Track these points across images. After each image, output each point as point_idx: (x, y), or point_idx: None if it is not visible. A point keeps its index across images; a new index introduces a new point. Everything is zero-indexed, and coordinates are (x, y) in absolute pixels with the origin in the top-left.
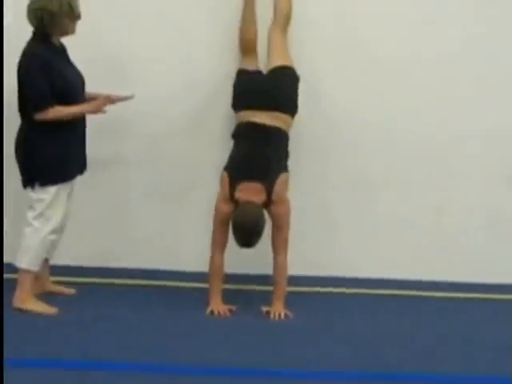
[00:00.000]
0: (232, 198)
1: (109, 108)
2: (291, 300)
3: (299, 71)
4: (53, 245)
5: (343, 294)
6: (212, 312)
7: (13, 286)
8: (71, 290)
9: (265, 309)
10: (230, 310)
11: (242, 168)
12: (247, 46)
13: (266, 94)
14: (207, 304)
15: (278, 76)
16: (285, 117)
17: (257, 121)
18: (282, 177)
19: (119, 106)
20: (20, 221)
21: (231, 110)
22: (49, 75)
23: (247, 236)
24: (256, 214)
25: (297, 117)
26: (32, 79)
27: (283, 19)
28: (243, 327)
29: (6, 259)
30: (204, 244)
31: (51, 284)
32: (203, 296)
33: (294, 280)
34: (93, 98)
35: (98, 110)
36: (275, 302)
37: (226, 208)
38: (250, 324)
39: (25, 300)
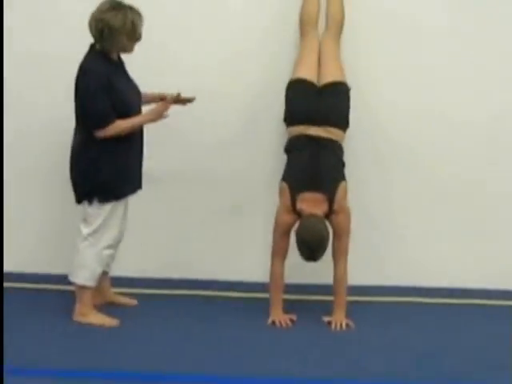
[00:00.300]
0: (294, 209)
1: (171, 110)
2: (353, 310)
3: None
4: (109, 259)
5: (406, 303)
6: (273, 322)
7: (71, 298)
8: (133, 301)
9: (326, 319)
10: (291, 320)
11: (301, 178)
12: (308, 20)
13: (318, 112)
14: (268, 314)
15: (331, 93)
16: (337, 131)
17: (310, 133)
18: (342, 185)
19: (173, 120)
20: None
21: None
22: (109, 92)
23: (313, 251)
24: (321, 228)
25: (353, 127)
26: (93, 97)
27: (336, 27)
28: (305, 337)
29: (61, 271)
30: (262, 255)
31: (113, 294)
32: (264, 306)
33: (356, 289)
34: (149, 101)
35: (159, 117)
36: (336, 312)
37: (288, 218)
38: (312, 334)
39: (85, 314)
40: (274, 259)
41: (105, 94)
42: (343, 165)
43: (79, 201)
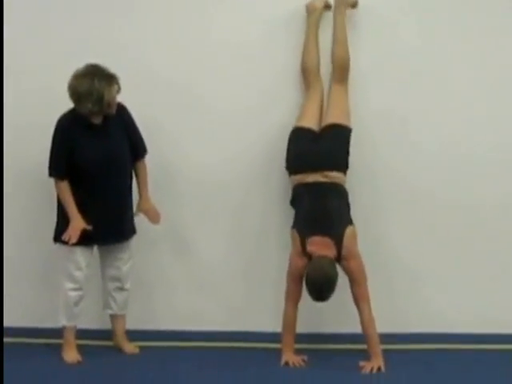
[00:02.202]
0: (305, 253)
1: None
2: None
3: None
4: (77, 302)
5: (435, 350)
6: (287, 363)
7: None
8: (135, 350)
9: (361, 363)
10: (303, 361)
11: (307, 223)
12: (309, 70)
13: (314, 157)
14: (280, 357)
15: (330, 136)
16: (335, 174)
17: (310, 181)
18: (349, 230)
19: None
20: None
21: None
22: (66, 150)
23: (321, 291)
24: (329, 268)
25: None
26: (51, 147)
27: (341, 70)
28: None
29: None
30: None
31: (119, 339)
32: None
33: (385, 338)
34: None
35: (71, 231)
36: (373, 357)
37: (300, 262)
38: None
39: (63, 350)
40: (287, 303)
41: (61, 147)
42: (348, 207)
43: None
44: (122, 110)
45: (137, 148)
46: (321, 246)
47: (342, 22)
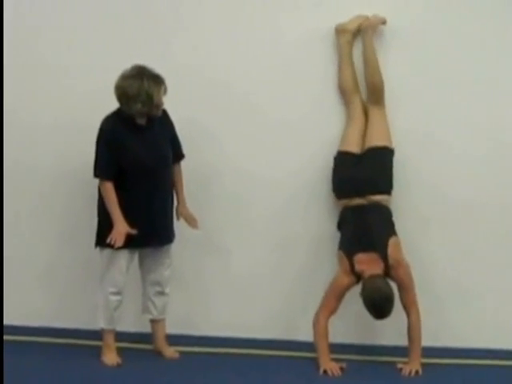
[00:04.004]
0: (353, 272)
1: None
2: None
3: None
4: (116, 306)
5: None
6: (325, 371)
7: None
8: (175, 354)
9: (400, 365)
10: (341, 368)
11: (352, 242)
12: (347, 88)
13: (360, 182)
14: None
15: (372, 160)
16: (380, 197)
17: (354, 204)
18: (392, 240)
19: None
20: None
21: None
22: (113, 151)
23: (383, 310)
24: (386, 287)
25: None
26: (97, 151)
27: (375, 93)
28: None
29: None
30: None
31: (160, 343)
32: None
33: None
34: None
35: (116, 234)
36: (412, 359)
37: (347, 281)
38: None
39: (103, 353)
40: (322, 315)
41: (108, 148)
42: (392, 225)
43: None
44: (163, 112)
45: (176, 151)
46: (368, 263)
47: (371, 45)
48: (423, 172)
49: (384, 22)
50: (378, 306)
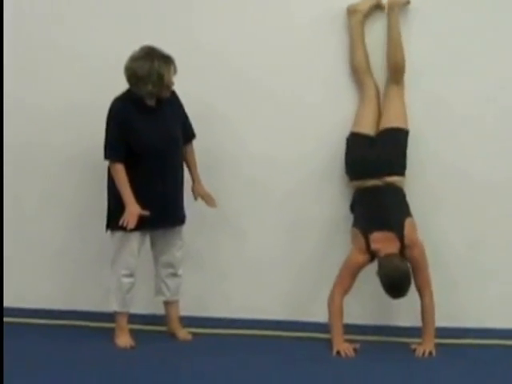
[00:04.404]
0: (368, 250)
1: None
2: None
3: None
4: (129, 289)
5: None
6: (338, 352)
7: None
8: (188, 336)
9: (413, 346)
10: (355, 349)
11: (367, 220)
12: (359, 68)
13: (374, 164)
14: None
15: (388, 141)
16: (394, 178)
17: (369, 185)
18: (408, 221)
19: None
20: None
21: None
22: (123, 130)
23: (402, 289)
24: (403, 265)
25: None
26: (107, 132)
27: (396, 71)
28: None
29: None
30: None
31: (173, 325)
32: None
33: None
34: (195, 180)
35: (128, 215)
36: (426, 340)
37: (361, 259)
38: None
39: (116, 335)
40: (337, 294)
41: (118, 130)
42: (407, 206)
43: (106, 227)
44: (172, 93)
45: (187, 132)
46: (384, 242)
47: (397, 23)
48: (437, 152)
49: (408, 2)
50: (397, 285)
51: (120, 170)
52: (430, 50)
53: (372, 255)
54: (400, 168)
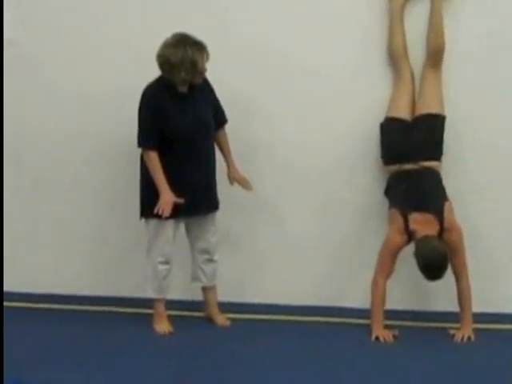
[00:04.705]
0: (407, 231)
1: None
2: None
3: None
4: (166, 274)
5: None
6: (377, 338)
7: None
8: (226, 322)
9: (452, 331)
10: (394, 336)
11: (408, 201)
12: (397, 52)
13: (410, 149)
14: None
15: (425, 127)
16: (431, 163)
17: (407, 169)
18: (447, 204)
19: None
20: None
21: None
22: (157, 117)
23: (440, 269)
24: (442, 246)
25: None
26: (140, 118)
27: (436, 55)
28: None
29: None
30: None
31: (211, 310)
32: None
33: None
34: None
35: (163, 204)
36: (463, 325)
37: (400, 240)
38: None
39: (155, 321)
40: (380, 277)
41: (152, 117)
42: (444, 189)
43: (140, 215)
44: (203, 79)
45: (219, 117)
46: (424, 223)
47: (440, 8)
48: (475, 136)
49: None
50: (434, 265)
51: (154, 158)
52: (471, 34)
53: (409, 236)
54: (437, 153)
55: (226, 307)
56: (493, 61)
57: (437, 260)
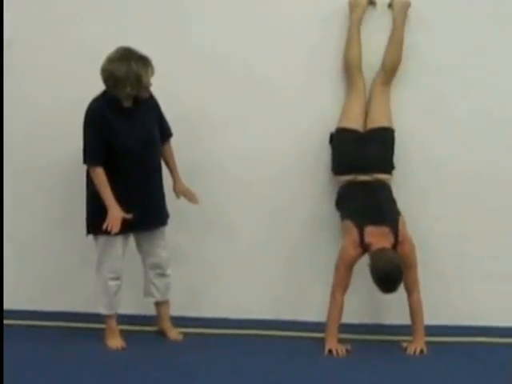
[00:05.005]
0: (362, 243)
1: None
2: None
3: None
4: (116, 291)
5: (480, 343)
6: (330, 351)
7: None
8: (179, 336)
9: (405, 344)
10: (347, 350)
11: (365, 213)
12: (352, 65)
13: (364, 161)
14: (323, 345)
15: (379, 140)
16: (384, 176)
17: (361, 180)
18: (401, 218)
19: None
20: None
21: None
22: (101, 132)
23: (395, 282)
24: (397, 258)
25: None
26: (85, 133)
27: (390, 71)
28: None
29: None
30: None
31: (164, 324)
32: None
33: (435, 329)
34: (175, 179)
35: (111, 219)
36: (416, 338)
37: (354, 252)
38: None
39: (106, 337)
40: (338, 291)
41: (97, 132)
42: (395, 202)
43: (86, 232)
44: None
45: (164, 131)
46: (379, 236)
47: (403, 25)
48: (422, 149)
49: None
50: (391, 278)
51: (100, 174)
52: (420, 51)
53: (364, 249)
54: (389, 166)
55: (179, 321)
56: (440, 77)
57: (392, 272)
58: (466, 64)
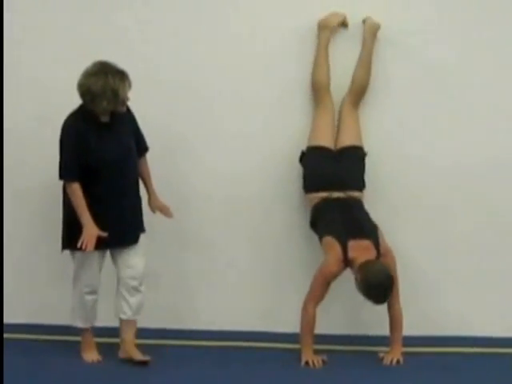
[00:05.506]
0: (344, 258)
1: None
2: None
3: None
4: (92, 306)
5: (456, 353)
6: (307, 363)
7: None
8: (146, 358)
9: (381, 355)
10: (323, 361)
11: (345, 228)
12: (321, 85)
13: (338, 178)
14: (299, 357)
15: (351, 158)
16: (356, 193)
17: (335, 197)
18: (380, 232)
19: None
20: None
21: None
22: (78, 151)
23: (386, 292)
24: (385, 269)
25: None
26: (62, 151)
27: (359, 91)
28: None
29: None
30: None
31: (129, 349)
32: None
33: (411, 340)
34: (150, 194)
35: (86, 237)
36: (393, 348)
37: (337, 268)
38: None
39: (82, 350)
40: (310, 304)
41: (73, 148)
42: (370, 216)
43: (62, 247)
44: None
45: (141, 145)
46: (362, 250)
47: (372, 47)
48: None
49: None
50: (383, 287)
51: (76, 189)
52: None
53: (346, 265)
54: (362, 184)
55: (158, 333)
56: (408, 97)
57: (385, 282)
58: (431, 88)
